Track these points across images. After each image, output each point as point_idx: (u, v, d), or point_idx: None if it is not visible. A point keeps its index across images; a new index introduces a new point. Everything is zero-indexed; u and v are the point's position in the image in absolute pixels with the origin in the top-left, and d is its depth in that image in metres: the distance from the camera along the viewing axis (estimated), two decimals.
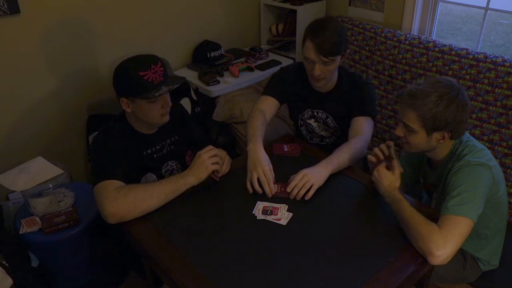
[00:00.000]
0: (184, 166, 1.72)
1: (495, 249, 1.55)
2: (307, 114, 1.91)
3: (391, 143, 1.44)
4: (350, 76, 1.82)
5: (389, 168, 1.38)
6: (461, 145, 1.41)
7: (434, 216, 1.27)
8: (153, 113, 1.51)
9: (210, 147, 1.52)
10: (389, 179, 1.35)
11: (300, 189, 1.42)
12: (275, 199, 1.44)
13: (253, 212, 1.38)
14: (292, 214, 1.37)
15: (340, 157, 1.55)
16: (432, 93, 1.32)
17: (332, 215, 1.39)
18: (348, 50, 1.71)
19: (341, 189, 1.52)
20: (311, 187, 1.42)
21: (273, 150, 1.51)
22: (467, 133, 1.46)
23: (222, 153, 1.58)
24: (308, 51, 1.63)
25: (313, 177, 1.44)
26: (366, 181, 1.53)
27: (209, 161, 1.47)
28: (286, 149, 1.48)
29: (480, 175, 1.30)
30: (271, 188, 1.45)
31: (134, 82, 1.43)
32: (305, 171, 1.45)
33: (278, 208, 1.40)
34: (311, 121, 1.93)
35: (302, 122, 1.96)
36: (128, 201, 1.35)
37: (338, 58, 1.66)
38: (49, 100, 2.27)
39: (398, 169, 1.36)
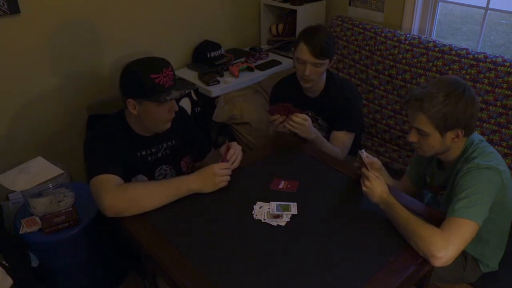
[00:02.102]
0: (178, 171, 1.72)
1: (496, 253, 1.54)
2: None
3: (362, 151, 1.47)
4: (340, 83, 1.93)
5: (364, 180, 1.38)
6: (472, 146, 1.39)
7: (441, 219, 1.27)
8: (159, 116, 1.50)
9: (225, 165, 1.50)
10: (380, 186, 1.35)
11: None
12: (275, 198, 1.44)
13: (253, 212, 1.38)
14: (291, 214, 1.37)
15: (325, 142, 1.79)
16: (439, 93, 1.32)
17: (332, 215, 1.39)
18: (334, 57, 1.84)
19: (341, 189, 1.52)
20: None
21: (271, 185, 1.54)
22: (480, 135, 1.46)
23: (237, 147, 1.59)
24: (301, 52, 1.76)
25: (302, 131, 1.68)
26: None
27: (220, 179, 1.46)
28: (282, 186, 1.51)
29: (488, 179, 1.29)
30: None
31: (146, 84, 1.42)
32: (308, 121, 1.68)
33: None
34: None
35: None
36: (127, 197, 1.35)
37: (327, 61, 1.79)
38: (49, 100, 2.27)
39: (375, 175, 1.37)
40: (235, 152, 1.58)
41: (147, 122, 1.53)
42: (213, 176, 1.46)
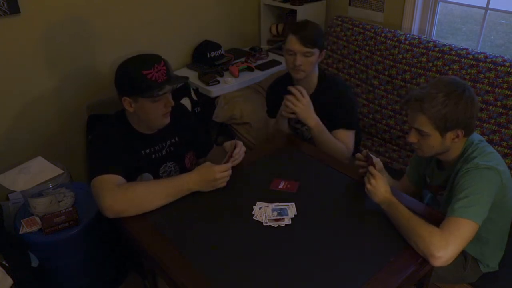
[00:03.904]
0: (182, 168, 1.72)
1: (496, 253, 1.54)
2: (293, 120, 1.96)
3: (366, 152, 1.48)
4: (330, 81, 1.91)
5: (369, 178, 1.38)
6: (472, 146, 1.39)
7: (441, 219, 1.27)
8: (155, 112, 1.51)
9: (225, 167, 1.48)
10: (384, 185, 1.35)
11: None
12: (275, 198, 1.44)
13: (253, 213, 1.38)
14: (291, 216, 1.37)
15: (327, 132, 1.78)
16: (438, 93, 1.32)
17: (332, 215, 1.38)
18: (324, 50, 1.84)
19: (341, 189, 1.52)
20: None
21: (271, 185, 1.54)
22: (479, 135, 1.46)
23: (243, 148, 1.60)
24: (290, 43, 1.77)
25: (300, 108, 1.71)
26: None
27: (220, 181, 1.47)
28: (282, 186, 1.52)
29: (487, 179, 1.29)
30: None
31: (137, 81, 1.43)
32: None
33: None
34: (298, 126, 1.97)
35: (291, 127, 2.00)
36: (127, 197, 1.35)
37: (317, 52, 1.79)
38: (49, 100, 2.27)
39: (379, 175, 1.37)
40: (240, 152, 1.59)
41: (145, 119, 1.53)
42: (214, 180, 1.46)
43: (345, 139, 1.86)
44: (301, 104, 1.72)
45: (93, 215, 1.81)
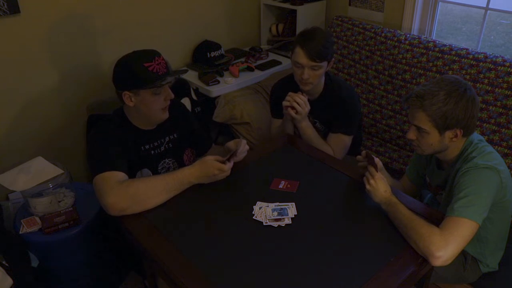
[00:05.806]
0: (181, 165, 1.72)
1: (495, 253, 1.54)
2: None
3: (366, 152, 1.49)
4: (337, 85, 1.91)
5: (368, 178, 1.39)
6: (471, 146, 1.39)
7: (441, 219, 1.27)
8: (156, 105, 1.51)
9: (226, 166, 1.47)
10: (384, 185, 1.36)
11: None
12: (275, 198, 1.44)
13: (253, 213, 1.38)
14: (291, 216, 1.37)
15: (314, 133, 1.83)
16: (440, 91, 1.32)
17: (332, 215, 1.39)
18: (333, 59, 1.82)
19: (341, 189, 1.52)
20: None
21: (271, 185, 1.54)
22: (479, 135, 1.46)
23: (246, 147, 1.60)
24: (298, 56, 1.75)
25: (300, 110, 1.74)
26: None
27: (220, 176, 1.47)
28: (282, 186, 1.52)
29: (487, 179, 1.29)
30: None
31: (139, 73, 1.44)
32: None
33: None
34: None
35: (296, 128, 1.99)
36: (129, 194, 1.35)
37: (325, 64, 1.77)
38: (49, 101, 2.27)
39: (379, 176, 1.38)
40: (243, 149, 1.60)
41: (145, 113, 1.54)
42: (213, 175, 1.46)
43: (339, 143, 1.87)
44: (304, 111, 1.75)
45: (93, 215, 1.81)
